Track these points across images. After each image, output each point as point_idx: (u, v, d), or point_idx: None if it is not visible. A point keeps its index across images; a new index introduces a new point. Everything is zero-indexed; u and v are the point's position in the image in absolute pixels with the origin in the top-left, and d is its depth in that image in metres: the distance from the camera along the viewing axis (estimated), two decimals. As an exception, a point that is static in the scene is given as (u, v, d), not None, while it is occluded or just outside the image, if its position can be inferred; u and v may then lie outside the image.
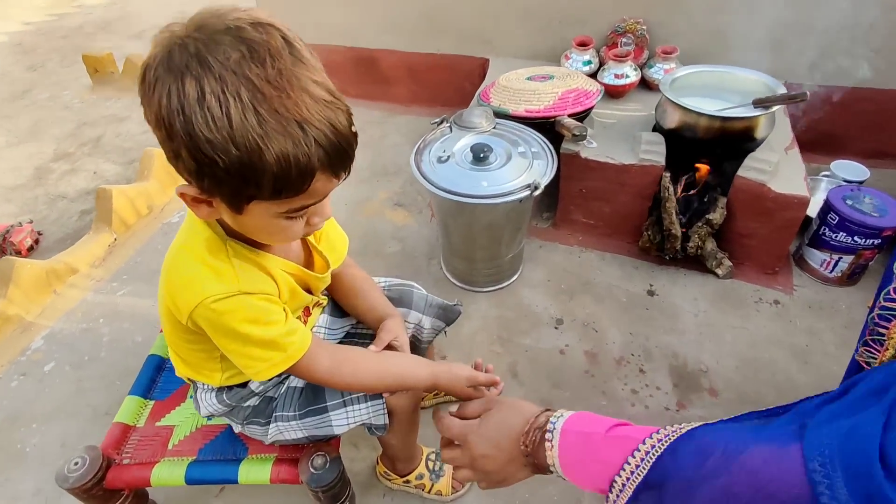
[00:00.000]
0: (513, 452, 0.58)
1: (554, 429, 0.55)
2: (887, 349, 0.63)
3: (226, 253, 0.62)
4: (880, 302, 0.66)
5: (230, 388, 0.79)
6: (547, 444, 0.55)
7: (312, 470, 0.80)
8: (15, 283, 1.33)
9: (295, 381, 0.82)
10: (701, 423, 0.51)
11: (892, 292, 0.65)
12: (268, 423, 0.80)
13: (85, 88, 2.63)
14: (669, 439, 0.49)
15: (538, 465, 0.57)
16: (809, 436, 0.41)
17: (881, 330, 0.65)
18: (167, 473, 0.84)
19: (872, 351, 0.66)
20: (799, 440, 0.41)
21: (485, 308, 1.37)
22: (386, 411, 0.78)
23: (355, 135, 0.54)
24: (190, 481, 0.83)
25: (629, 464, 0.50)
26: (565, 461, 0.54)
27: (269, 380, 0.77)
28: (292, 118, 0.47)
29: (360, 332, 0.92)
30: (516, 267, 1.43)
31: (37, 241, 1.68)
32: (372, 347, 0.76)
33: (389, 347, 0.78)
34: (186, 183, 0.53)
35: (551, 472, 0.56)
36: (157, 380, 0.99)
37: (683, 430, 0.50)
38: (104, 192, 1.54)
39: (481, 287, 1.41)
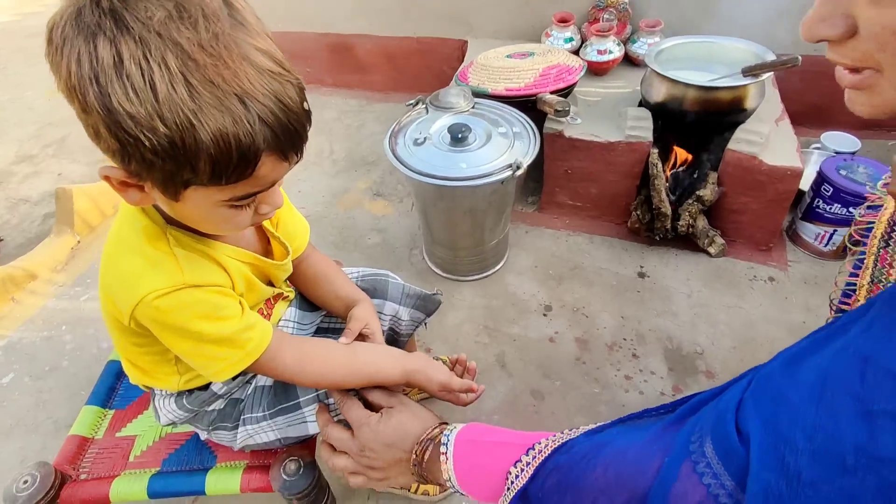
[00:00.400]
0: (401, 457, 0.59)
1: (448, 441, 0.55)
2: (857, 299, 0.61)
3: (166, 242, 0.55)
4: (847, 260, 0.63)
5: (190, 391, 0.72)
6: (442, 458, 0.55)
7: (285, 477, 0.74)
8: (-32, 291, 1.25)
9: (262, 380, 0.75)
10: (587, 428, 0.51)
11: (858, 215, 0.63)
12: (235, 428, 0.73)
13: (49, 89, 2.52)
14: (548, 449, 0.49)
15: (427, 479, 0.58)
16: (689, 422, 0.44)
17: (852, 280, 0.62)
18: (127, 488, 0.76)
19: (845, 303, 0.63)
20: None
21: (470, 297, 1.31)
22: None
23: (308, 112, 0.48)
24: (153, 495, 0.76)
25: (510, 473, 0.50)
26: (460, 472, 0.54)
27: (233, 379, 0.71)
28: (231, 91, 0.41)
29: (333, 326, 0.85)
30: (501, 253, 1.37)
31: (-3, 247, 1.59)
32: (342, 340, 0.69)
33: (361, 337, 0.71)
34: (110, 164, 0.46)
35: (448, 487, 0.56)
36: (116, 388, 0.92)
37: (560, 441, 0.49)
38: (64, 193, 1.46)
39: (466, 276, 1.35)
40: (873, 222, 0.67)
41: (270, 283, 0.70)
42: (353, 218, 1.57)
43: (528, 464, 0.49)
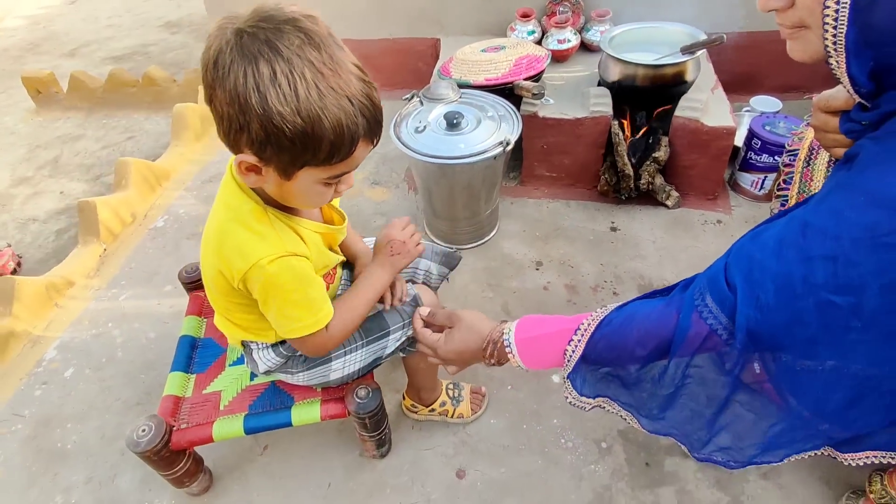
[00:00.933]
0: (473, 361, 0.83)
1: (510, 342, 0.76)
2: (795, 183, 0.84)
3: (268, 220, 0.73)
4: (781, 175, 0.86)
5: (283, 341, 0.89)
6: (509, 355, 0.76)
7: (358, 400, 0.92)
8: (18, 299, 1.36)
9: None
10: (613, 305, 0.72)
11: (788, 145, 0.86)
12: (326, 363, 0.91)
13: (28, 111, 2.56)
14: (591, 327, 0.71)
15: (503, 364, 0.80)
16: (690, 288, 0.66)
17: (788, 170, 0.85)
18: (227, 428, 0.94)
19: (785, 192, 0.86)
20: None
21: (472, 262, 1.51)
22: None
23: (381, 108, 0.66)
24: (249, 431, 0.94)
25: (567, 350, 0.72)
26: (526, 360, 0.76)
27: None
28: (343, 94, 0.59)
29: None
30: (494, 223, 1.58)
31: (19, 264, 1.69)
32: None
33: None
34: (244, 153, 0.63)
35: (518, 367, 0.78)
36: (193, 356, 1.08)
37: (602, 316, 0.71)
38: (87, 205, 1.57)
39: (465, 244, 1.55)
40: (798, 150, 0.89)
41: (331, 250, 0.88)
42: (357, 205, 1.74)
43: (579, 340, 0.70)
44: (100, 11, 3.76)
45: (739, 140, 1.59)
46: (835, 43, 0.51)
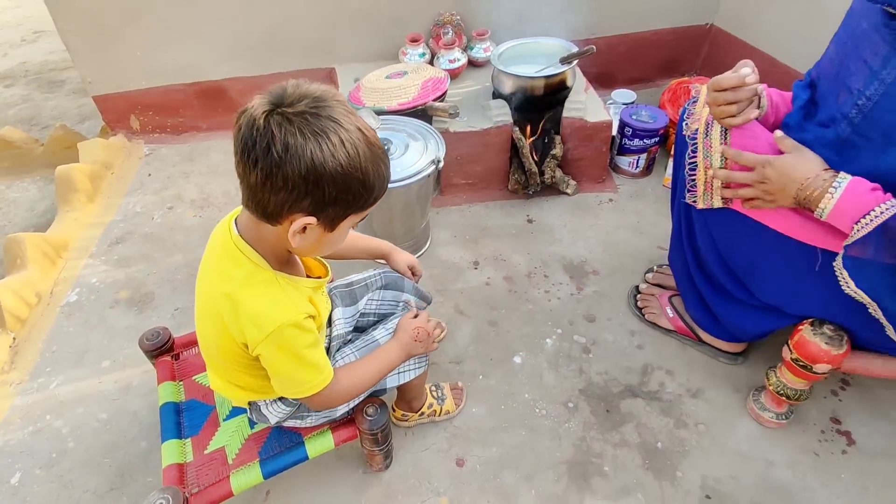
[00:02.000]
0: (790, 188, 0.90)
1: (839, 185, 0.85)
2: (697, 187, 1.07)
3: (279, 286, 0.78)
4: (686, 161, 1.09)
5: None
6: (828, 195, 0.85)
7: (369, 418, 1.00)
8: (-73, 414, 1.19)
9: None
10: None
11: (689, 154, 1.08)
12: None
13: None
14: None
15: (803, 204, 0.90)
16: None
17: (692, 177, 1.08)
18: (245, 479, 0.96)
19: (693, 193, 1.10)
20: None
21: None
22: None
23: None
24: (268, 475, 0.97)
25: (873, 211, 0.82)
26: (836, 208, 0.85)
27: None
28: (377, 153, 0.70)
29: (365, 312, 1.11)
30: (428, 234, 1.71)
31: None
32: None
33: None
34: (300, 217, 0.69)
35: (813, 211, 0.88)
36: (181, 421, 1.06)
37: None
38: (-16, 293, 1.41)
39: (406, 259, 1.66)
40: (694, 135, 1.10)
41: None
42: (288, 240, 1.76)
43: (888, 208, 0.81)
44: None
45: (614, 130, 1.89)
46: None
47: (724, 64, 2.09)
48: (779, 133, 0.95)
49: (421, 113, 1.63)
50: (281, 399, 0.94)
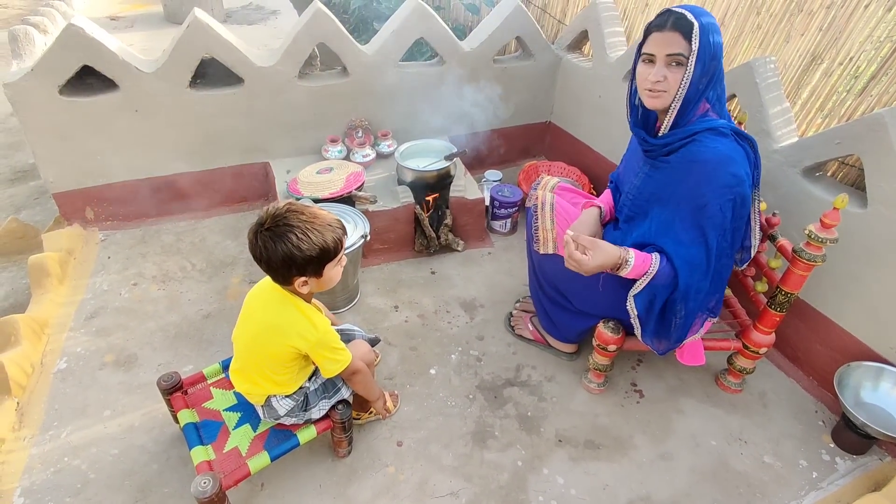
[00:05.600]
0: (606, 263, 1.45)
1: (630, 262, 1.45)
2: (539, 240, 1.76)
3: (312, 310, 1.35)
4: (533, 223, 1.79)
5: (294, 392, 1.45)
6: (626, 267, 1.46)
7: (338, 411, 1.51)
8: (-34, 466, 1.48)
9: (319, 382, 1.51)
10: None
11: (533, 221, 1.78)
12: (310, 409, 1.48)
13: None
14: (657, 263, 1.48)
15: (612, 270, 1.49)
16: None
17: (535, 234, 1.78)
18: (258, 462, 1.42)
19: (537, 244, 1.78)
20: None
21: (352, 318, 2.16)
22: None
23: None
24: (274, 458, 1.44)
25: (647, 273, 1.48)
26: (630, 273, 1.47)
27: (309, 379, 1.47)
28: (329, 224, 1.27)
29: None
30: (358, 288, 2.26)
31: None
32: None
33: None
34: (300, 278, 1.26)
35: (621, 273, 1.49)
36: (200, 433, 1.49)
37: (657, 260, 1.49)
38: (-8, 367, 1.70)
39: (342, 308, 2.19)
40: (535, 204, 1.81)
41: None
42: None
43: (652, 269, 1.47)
44: None
45: (487, 202, 2.62)
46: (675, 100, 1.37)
47: (560, 149, 2.99)
48: (571, 233, 1.51)
49: (347, 198, 2.22)
50: (289, 396, 1.43)
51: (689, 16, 1.30)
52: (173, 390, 1.57)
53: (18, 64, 2.20)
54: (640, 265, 1.47)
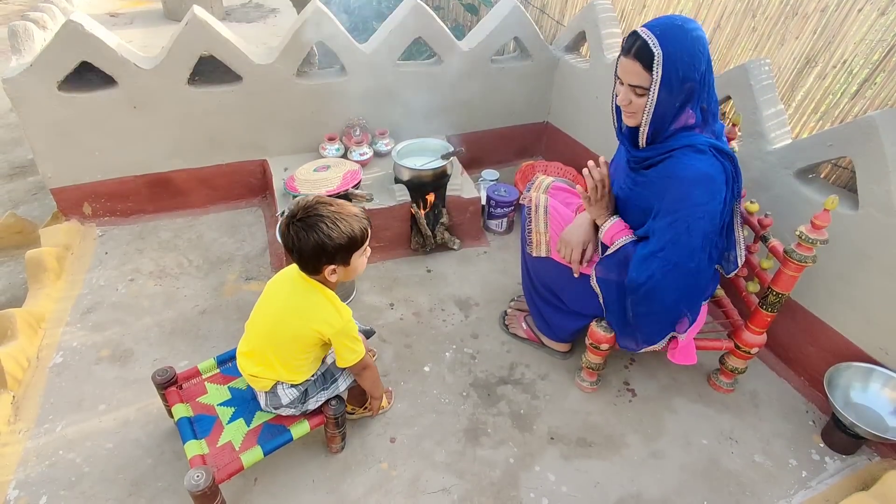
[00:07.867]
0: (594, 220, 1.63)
1: (611, 221, 1.57)
2: (532, 243, 1.78)
3: (334, 298, 1.37)
4: (526, 226, 1.80)
5: (300, 384, 1.47)
6: (607, 224, 1.58)
7: (332, 407, 1.52)
8: (-39, 458, 1.49)
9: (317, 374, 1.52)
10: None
11: (526, 223, 1.79)
12: (308, 402, 1.50)
13: None
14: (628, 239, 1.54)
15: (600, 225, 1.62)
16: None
17: (529, 237, 1.79)
18: (251, 456, 1.43)
19: (530, 246, 1.80)
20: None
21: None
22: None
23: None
24: (267, 452, 1.45)
25: (619, 241, 1.55)
26: (607, 231, 1.58)
27: (313, 375, 1.50)
28: (355, 215, 1.30)
29: None
30: (354, 285, 2.27)
31: None
32: None
33: None
34: (329, 266, 1.29)
35: (601, 227, 1.61)
36: (194, 428, 1.50)
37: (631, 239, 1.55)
38: (-13, 360, 1.71)
39: (338, 305, 2.20)
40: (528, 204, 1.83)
41: None
42: (241, 299, 2.22)
43: (625, 240, 1.55)
44: None
45: (483, 201, 2.64)
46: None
47: (557, 150, 3.01)
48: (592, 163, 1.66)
49: (344, 196, 2.23)
50: (293, 386, 1.45)
51: (652, 43, 1.26)
52: (168, 385, 1.58)
53: (18, 60, 2.21)
54: (617, 232, 1.57)
